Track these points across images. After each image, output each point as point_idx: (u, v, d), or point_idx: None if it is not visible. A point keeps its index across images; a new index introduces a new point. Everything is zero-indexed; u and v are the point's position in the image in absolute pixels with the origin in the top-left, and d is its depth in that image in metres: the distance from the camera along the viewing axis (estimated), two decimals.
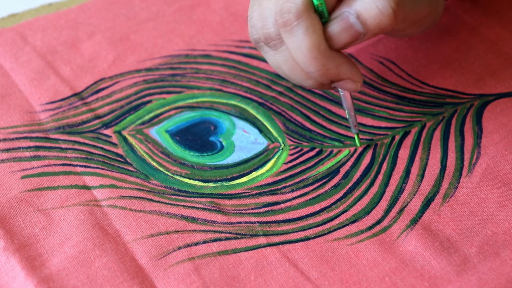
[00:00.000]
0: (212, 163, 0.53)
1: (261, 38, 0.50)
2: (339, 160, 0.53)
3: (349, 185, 0.52)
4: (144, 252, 0.48)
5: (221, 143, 0.55)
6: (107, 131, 0.55)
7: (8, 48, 0.60)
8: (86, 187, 0.51)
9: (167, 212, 0.50)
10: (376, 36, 0.49)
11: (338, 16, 0.47)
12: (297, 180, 0.52)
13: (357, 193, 0.51)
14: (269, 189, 0.52)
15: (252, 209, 0.50)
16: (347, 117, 0.53)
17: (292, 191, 0.51)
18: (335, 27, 0.47)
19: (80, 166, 0.53)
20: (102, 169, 0.52)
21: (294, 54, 0.48)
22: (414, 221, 0.49)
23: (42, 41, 0.61)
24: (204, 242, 0.48)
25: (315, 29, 0.47)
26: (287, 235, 0.49)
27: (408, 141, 0.54)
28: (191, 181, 0.52)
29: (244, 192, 0.51)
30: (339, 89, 0.51)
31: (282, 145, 0.54)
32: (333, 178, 0.52)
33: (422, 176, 0.52)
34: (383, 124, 0.55)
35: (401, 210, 0.50)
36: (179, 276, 0.47)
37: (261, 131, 0.55)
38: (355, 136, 0.54)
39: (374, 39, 0.61)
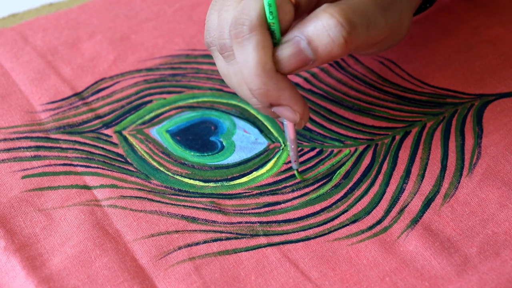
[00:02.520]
0: (212, 163, 0.53)
1: (217, 47, 0.49)
2: (339, 160, 0.53)
3: (350, 185, 0.52)
4: (144, 252, 0.48)
5: (221, 143, 0.55)
6: (108, 131, 0.55)
7: (8, 48, 0.60)
8: (86, 187, 0.51)
9: (167, 212, 0.50)
10: (325, 63, 0.48)
11: (290, 40, 0.46)
12: (297, 180, 0.52)
13: (357, 193, 0.51)
14: (269, 189, 0.52)
15: (252, 209, 0.50)
16: (288, 150, 0.52)
17: (293, 191, 0.51)
18: (285, 50, 0.46)
19: (81, 166, 0.53)
20: (102, 169, 0.52)
21: (241, 68, 0.47)
22: (415, 221, 0.49)
23: (43, 41, 0.61)
24: (205, 242, 0.48)
25: (264, 46, 0.46)
26: (287, 235, 0.49)
27: (409, 141, 0.54)
28: (191, 181, 0.52)
29: (245, 192, 0.51)
30: (282, 119, 0.50)
31: (283, 145, 0.54)
32: (333, 178, 0.52)
33: (423, 176, 0.52)
34: (384, 124, 0.55)
35: (402, 210, 0.50)
36: (179, 276, 0.47)
37: (261, 131, 0.55)
38: (295, 172, 0.52)
39: None
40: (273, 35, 0.46)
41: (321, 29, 0.45)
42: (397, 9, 0.49)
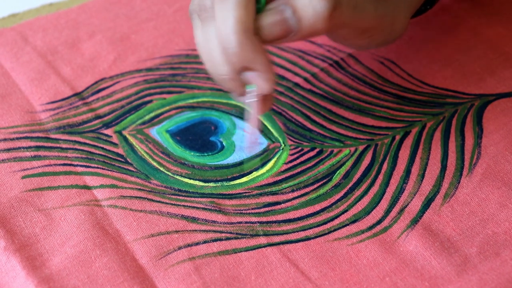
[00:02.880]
0: (212, 163, 0.53)
1: (196, 10, 0.48)
2: (339, 160, 0.53)
3: (350, 185, 0.52)
4: (144, 252, 0.48)
5: (221, 143, 0.55)
6: (108, 131, 0.55)
7: (8, 48, 0.60)
8: (86, 187, 0.51)
9: (167, 212, 0.50)
10: (306, 38, 0.48)
11: (275, 7, 0.46)
12: (297, 180, 0.52)
13: (357, 193, 0.51)
14: (269, 189, 0.52)
15: (252, 209, 0.50)
16: (246, 134, 0.51)
17: (293, 191, 0.51)
18: (269, 17, 0.46)
19: (81, 166, 0.53)
20: (102, 169, 0.52)
21: (219, 25, 0.46)
22: (415, 221, 0.49)
23: (43, 41, 0.61)
24: (205, 242, 0.48)
25: (247, 5, 0.45)
26: (287, 235, 0.49)
27: (409, 141, 0.54)
28: (191, 181, 0.52)
29: (245, 192, 0.51)
30: (248, 93, 0.48)
31: (283, 145, 0.54)
32: (334, 178, 0.52)
33: (423, 176, 0.52)
34: (384, 124, 0.55)
35: (402, 210, 0.50)
36: (179, 276, 0.47)
37: (261, 131, 0.55)
38: (244, 160, 0.52)
39: None
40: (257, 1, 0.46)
41: (307, 1, 0.45)
42: (393, 2, 0.50)
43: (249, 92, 0.48)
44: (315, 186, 0.52)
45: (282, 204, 0.51)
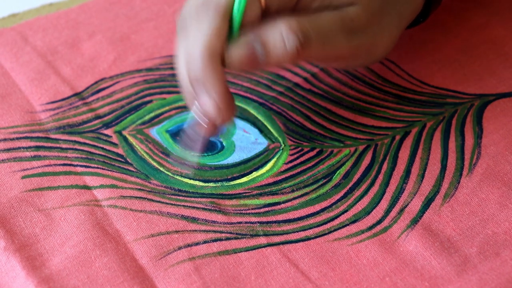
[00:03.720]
0: (212, 163, 0.53)
1: (177, 20, 0.49)
2: (339, 160, 0.53)
3: (350, 185, 0.52)
4: (144, 252, 0.48)
5: (221, 143, 0.55)
6: (108, 131, 0.55)
7: (8, 48, 0.60)
8: (86, 187, 0.51)
9: (167, 212, 0.50)
10: (272, 67, 0.50)
11: (245, 40, 0.47)
12: (297, 180, 0.52)
13: (357, 193, 0.51)
14: (269, 189, 0.52)
15: (252, 209, 0.50)
16: (182, 151, 0.52)
17: (293, 191, 0.51)
18: (239, 49, 0.47)
19: (81, 166, 0.53)
20: (102, 169, 0.52)
21: (189, 44, 0.47)
22: (415, 221, 0.49)
23: (43, 41, 0.61)
24: (205, 242, 0.48)
25: (219, 33, 0.47)
26: (287, 235, 0.49)
27: (409, 141, 0.54)
28: (191, 181, 0.52)
29: (245, 192, 0.51)
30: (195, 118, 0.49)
31: (283, 145, 0.54)
32: (333, 178, 0.52)
33: (423, 176, 0.52)
34: (384, 124, 0.55)
35: (402, 210, 0.50)
36: (179, 276, 0.47)
37: (261, 131, 0.55)
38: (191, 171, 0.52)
39: None
40: (230, 29, 0.47)
41: (277, 36, 0.47)
42: (372, 32, 0.51)
43: (195, 111, 0.49)
44: (315, 186, 0.52)
45: (282, 204, 0.51)
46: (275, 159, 0.54)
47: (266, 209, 0.50)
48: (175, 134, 0.55)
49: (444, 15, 0.62)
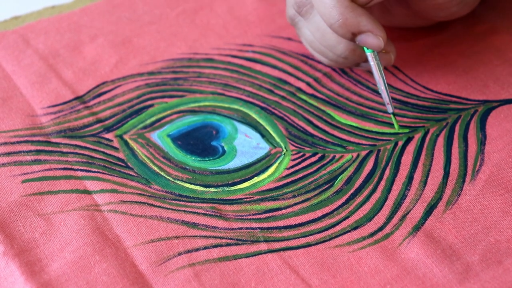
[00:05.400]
0: (213, 168, 0.53)
1: (295, 8, 0.54)
2: (341, 166, 0.53)
3: (351, 191, 0.51)
4: (144, 257, 0.48)
5: (223, 147, 0.54)
6: (109, 135, 0.55)
7: (10, 51, 0.60)
8: (86, 192, 0.51)
9: (167, 218, 0.50)
10: None
11: None
12: (299, 185, 0.52)
13: (359, 199, 0.51)
14: (270, 194, 0.51)
15: (253, 214, 0.50)
16: (379, 91, 0.54)
17: (294, 196, 0.51)
18: None
19: (81, 170, 0.52)
20: (103, 173, 0.52)
21: (318, 9, 0.51)
22: (417, 228, 0.49)
23: (45, 44, 0.61)
24: (205, 248, 0.48)
25: None
26: (288, 241, 0.49)
27: (411, 147, 0.54)
28: (192, 186, 0.52)
29: (246, 198, 0.51)
30: (368, 56, 0.53)
31: (284, 150, 0.54)
32: (335, 184, 0.52)
33: (425, 182, 0.51)
34: (386, 129, 0.55)
35: (404, 217, 0.50)
36: (179, 282, 0.46)
37: (263, 136, 0.55)
38: (392, 117, 0.55)
39: None
40: None
41: None
42: None
43: (369, 56, 0.53)
44: (317, 192, 0.51)
45: (283, 210, 0.50)
46: (276, 164, 0.53)
47: (267, 214, 0.50)
48: (176, 138, 0.55)
49: (448, 20, 0.62)
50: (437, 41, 0.61)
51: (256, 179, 0.52)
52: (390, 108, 0.54)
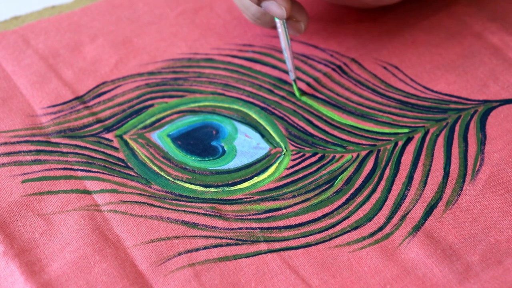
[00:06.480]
0: (213, 168, 0.53)
1: None
2: (341, 166, 0.53)
3: (351, 191, 0.51)
4: (144, 257, 0.48)
5: (223, 148, 0.54)
6: (109, 135, 0.55)
7: (10, 51, 0.60)
8: (86, 192, 0.51)
9: (167, 218, 0.50)
10: None
11: None
12: (299, 185, 0.52)
13: (359, 199, 0.51)
14: (270, 194, 0.51)
15: (253, 214, 0.50)
16: (285, 57, 0.56)
17: (294, 196, 0.51)
18: None
19: (81, 170, 0.52)
20: (103, 173, 0.52)
21: None
22: (417, 228, 0.49)
23: (45, 44, 0.61)
24: (205, 248, 0.48)
25: None
26: (288, 241, 0.49)
27: (411, 147, 0.54)
28: (192, 186, 0.52)
29: (246, 198, 0.51)
30: (277, 23, 0.55)
31: (284, 150, 0.54)
32: (335, 184, 0.52)
33: (425, 182, 0.51)
34: (386, 129, 0.55)
35: (404, 217, 0.50)
36: (179, 282, 0.46)
37: (263, 136, 0.55)
38: (293, 85, 0.56)
39: (377, 43, 0.60)
40: None
41: None
42: None
43: (277, 22, 0.55)
44: (317, 192, 0.51)
45: (283, 210, 0.50)
46: (276, 164, 0.53)
47: (267, 214, 0.50)
48: (176, 138, 0.55)
49: (448, 20, 0.62)
50: (436, 41, 0.61)
51: (256, 179, 0.52)
52: (292, 75, 0.56)
